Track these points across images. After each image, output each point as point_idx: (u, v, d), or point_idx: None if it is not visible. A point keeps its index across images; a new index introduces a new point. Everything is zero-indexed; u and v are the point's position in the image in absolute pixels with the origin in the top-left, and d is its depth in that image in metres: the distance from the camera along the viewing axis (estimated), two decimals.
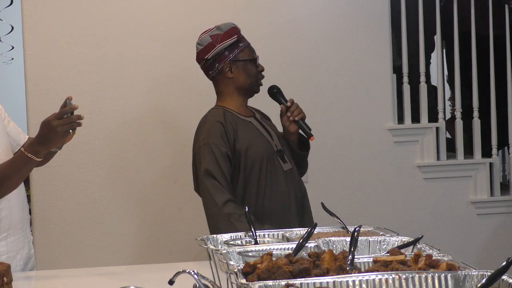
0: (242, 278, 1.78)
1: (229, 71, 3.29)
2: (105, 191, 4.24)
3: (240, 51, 3.30)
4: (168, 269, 2.06)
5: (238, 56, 3.29)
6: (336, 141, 4.41)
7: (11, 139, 2.93)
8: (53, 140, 2.65)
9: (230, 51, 3.28)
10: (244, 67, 3.30)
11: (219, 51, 3.28)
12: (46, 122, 2.64)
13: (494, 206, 4.58)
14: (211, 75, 3.34)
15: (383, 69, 4.44)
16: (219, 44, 3.28)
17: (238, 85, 3.31)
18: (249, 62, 3.30)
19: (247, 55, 3.31)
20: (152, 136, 4.26)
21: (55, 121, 2.62)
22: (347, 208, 4.37)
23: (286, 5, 4.37)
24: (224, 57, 3.28)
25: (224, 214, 3.11)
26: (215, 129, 3.22)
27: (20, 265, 2.88)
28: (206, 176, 3.16)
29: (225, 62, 3.28)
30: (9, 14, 4.14)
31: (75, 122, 2.66)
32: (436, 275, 1.72)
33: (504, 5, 4.76)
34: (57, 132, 2.62)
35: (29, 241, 2.97)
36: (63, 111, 2.64)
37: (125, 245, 4.26)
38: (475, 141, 4.63)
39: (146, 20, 4.26)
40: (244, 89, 3.33)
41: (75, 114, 2.66)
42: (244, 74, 3.30)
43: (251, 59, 3.31)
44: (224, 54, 3.28)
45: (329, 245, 2.20)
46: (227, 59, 3.28)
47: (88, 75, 4.22)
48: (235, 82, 3.31)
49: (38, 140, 2.65)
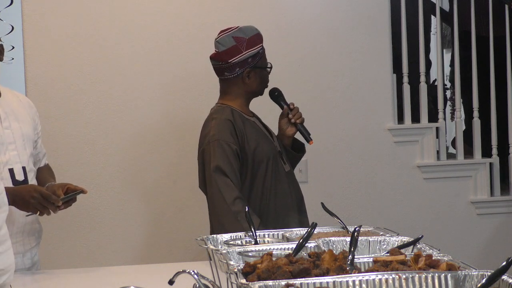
0: (242, 278, 1.78)
1: (247, 77, 3.30)
2: (105, 191, 4.24)
3: (260, 58, 3.32)
4: (168, 269, 2.06)
5: (258, 63, 3.31)
6: (336, 141, 4.41)
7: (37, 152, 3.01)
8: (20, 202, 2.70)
9: (253, 59, 3.29)
10: (260, 74, 3.32)
11: (244, 59, 3.28)
12: (32, 187, 2.73)
13: (494, 206, 4.58)
14: (226, 76, 3.32)
15: (383, 69, 4.44)
16: (246, 51, 3.27)
17: (250, 90, 3.33)
18: (265, 70, 3.32)
19: (265, 63, 3.34)
20: (152, 136, 4.26)
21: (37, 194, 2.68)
22: (347, 208, 4.37)
23: (286, 5, 4.37)
24: (247, 63, 3.28)
25: (231, 211, 3.11)
26: (225, 127, 3.22)
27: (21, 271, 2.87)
28: (217, 172, 3.16)
29: (246, 68, 3.29)
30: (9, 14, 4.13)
31: (49, 208, 2.72)
32: (436, 275, 1.72)
33: (504, 5, 4.76)
34: (29, 202, 2.69)
35: (31, 248, 2.97)
36: (50, 197, 2.70)
37: (125, 245, 4.26)
38: (475, 141, 4.63)
39: (146, 19, 4.26)
40: (254, 93, 3.36)
41: (54, 203, 2.72)
42: (259, 80, 3.33)
43: (267, 66, 3.33)
44: (247, 61, 3.28)
45: (329, 245, 2.20)
46: (249, 66, 3.29)
47: (88, 75, 4.22)
48: (248, 87, 3.32)
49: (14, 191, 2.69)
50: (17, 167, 2.80)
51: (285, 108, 3.36)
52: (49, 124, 4.14)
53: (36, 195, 2.68)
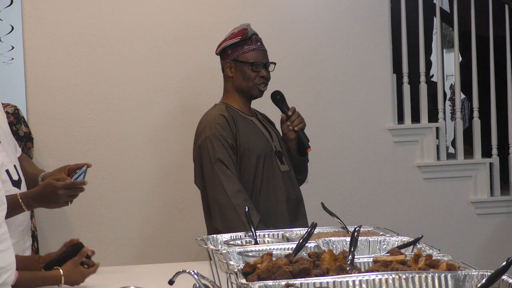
0: (242, 278, 1.78)
1: (229, 69, 3.36)
2: (105, 191, 4.24)
3: (243, 52, 3.33)
4: (168, 269, 2.06)
5: (240, 57, 3.34)
6: (336, 141, 4.41)
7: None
8: (52, 204, 2.68)
9: (233, 51, 3.35)
10: (241, 69, 3.35)
11: (223, 48, 3.37)
12: (52, 186, 2.64)
13: (494, 206, 4.58)
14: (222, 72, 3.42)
15: (383, 69, 4.44)
16: (226, 42, 3.37)
17: (236, 85, 3.37)
18: (247, 65, 3.33)
19: (249, 58, 3.33)
20: (152, 136, 4.26)
21: (62, 189, 2.63)
22: (347, 208, 4.37)
23: (286, 6, 4.37)
24: (227, 55, 3.37)
25: (232, 204, 3.14)
26: (220, 122, 3.27)
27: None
28: (218, 164, 3.20)
29: (226, 60, 3.36)
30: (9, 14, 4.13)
31: (77, 193, 2.68)
32: (436, 275, 1.72)
33: (504, 5, 4.76)
34: (59, 200, 2.65)
35: (29, 246, 2.96)
36: (75, 183, 2.66)
37: (125, 245, 4.26)
38: (475, 141, 4.63)
39: (146, 19, 4.26)
40: (242, 91, 3.37)
41: (81, 186, 2.68)
42: (241, 76, 3.35)
43: (250, 62, 3.33)
44: (227, 52, 3.36)
45: (329, 245, 2.20)
46: (229, 58, 3.35)
47: (88, 75, 4.22)
48: (233, 82, 3.38)
49: (37, 198, 2.65)
50: (10, 166, 2.77)
51: (283, 116, 3.38)
52: (49, 124, 4.14)
53: (60, 188, 2.63)
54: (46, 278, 2.59)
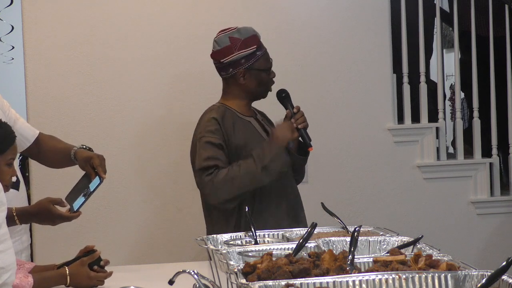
0: (242, 278, 1.78)
1: (242, 77, 3.30)
2: (104, 191, 4.23)
3: (256, 60, 3.30)
4: (168, 269, 2.06)
5: (254, 65, 3.30)
6: (336, 141, 4.40)
7: (19, 135, 2.94)
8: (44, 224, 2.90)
9: (246, 60, 3.29)
10: (257, 76, 3.32)
11: (236, 59, 3.28)
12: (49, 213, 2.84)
13: (494, 206, 4.58)
14: (223, 75, 3.36)
15: (383, 69, 4.44)
16: (237, 52, 3.28)
17: (248, 91, 3.34)
18: (263, 72, 3.32)
19: (262, 65, 3.32)
20: (152, 136, 4.26)
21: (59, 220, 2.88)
22: (347, 208, 4.36)
23: (286, 6, 4.36)
24: (240, 64, 3.29)
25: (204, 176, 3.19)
26: (209, 126, 3.26)
27: None
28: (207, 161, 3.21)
29: (239, 69, 3.30)
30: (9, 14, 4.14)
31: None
32: (436, 275, 1.72)
33: (504, 5, 4.76)
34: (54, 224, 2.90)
35: (27, 246, 2.97)
36: (72, 217, 2.92)
37: (125, 245, 4.26)
38: (475, 141, 4.63)
39: (146, 19, 4.26)
40: (252, 95, 3.36)
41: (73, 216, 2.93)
42: (256, 82, 3.32)
43: (266, 69, 3.32)
44: (240, 62, 3.29)
45: (329, 245, 2.20)
46: (242, 67, 3.29)
47: (88, 75, 4.22)
48: (245, 88, 3.33)
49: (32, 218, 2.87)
50: None
51: (288, 112, 3.35)
52: (49, 124, 4.14)
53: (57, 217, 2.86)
54: (52, 277, 2.67)
